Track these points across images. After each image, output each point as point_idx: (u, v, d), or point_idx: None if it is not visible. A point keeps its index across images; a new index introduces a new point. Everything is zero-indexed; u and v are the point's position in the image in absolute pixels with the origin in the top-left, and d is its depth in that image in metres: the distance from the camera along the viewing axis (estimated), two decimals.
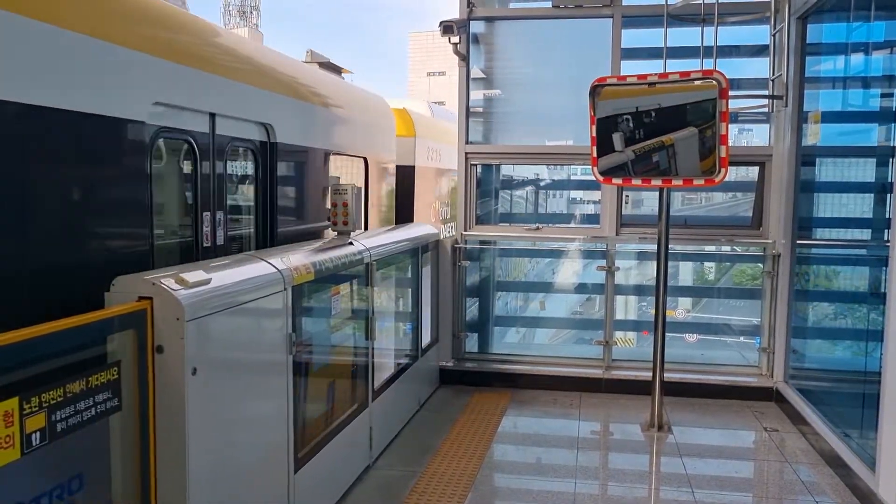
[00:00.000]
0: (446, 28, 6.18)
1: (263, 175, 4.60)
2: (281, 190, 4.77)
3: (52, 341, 2.19)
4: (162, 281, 2.63)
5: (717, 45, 5.58)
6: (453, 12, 6.39)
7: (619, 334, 6.90)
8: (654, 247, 5.40)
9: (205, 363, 2.72)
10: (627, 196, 6.48)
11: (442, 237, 6.48)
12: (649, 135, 5.00)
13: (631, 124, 5.04)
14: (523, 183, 7.91)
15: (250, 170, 4.59)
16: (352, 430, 4.30)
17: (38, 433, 2.07)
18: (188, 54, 3.76)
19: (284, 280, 3.38)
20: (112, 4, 3.30)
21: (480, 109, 6.94)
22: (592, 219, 6.95)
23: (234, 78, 4.22)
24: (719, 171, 4.83)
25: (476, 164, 6.60)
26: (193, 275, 2.77)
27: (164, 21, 3.67)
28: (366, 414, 4.54)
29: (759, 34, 6.26)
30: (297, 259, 3.64)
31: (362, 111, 6.66)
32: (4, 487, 1.99)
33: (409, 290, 5.76)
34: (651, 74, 5.03)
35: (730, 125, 4.79)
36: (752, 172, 6.35)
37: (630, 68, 6.15)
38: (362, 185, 6.36)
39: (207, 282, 2.82)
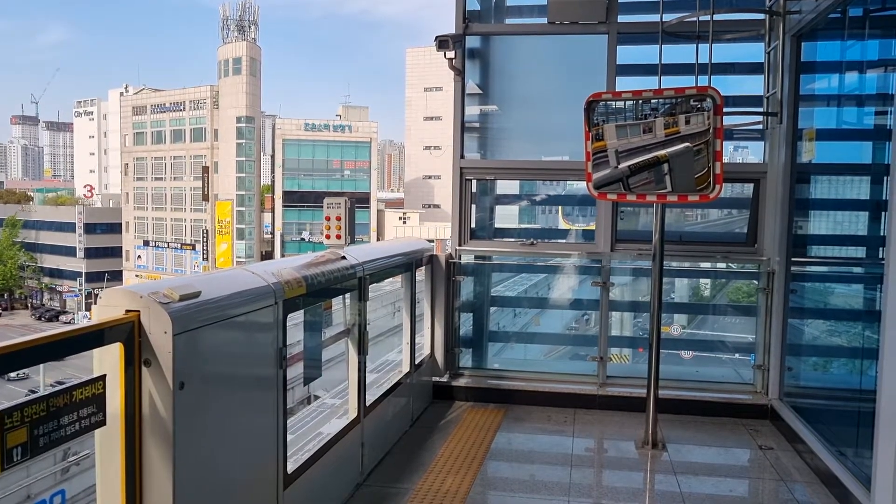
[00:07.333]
0: (442, 43, 6.16)
1: None
2: None
3: (37, 353, 2.16)
4: (150, 293, 2.59)
5: (712, 62, 5.59)
6: (449, 27, 6.40)
7: (614, 351, 6.89)
8: (650, 263, 5.39)
9: (193, 377, 2.68)
10: (622, 212, 6.47)
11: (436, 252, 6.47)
12: (644, 150, 5.01)
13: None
14: (519, 197, 7.90)
15: None
16: (343, 446, 4.25)
17: (19, 448, 2.02)
18: None
19: (275, 293, 3.35)
20: None
21: (476, 125, 6.93)
22: (587, 234, 6.94)
23: None
24: (714, 188, 4.83)
25: (471, 179, 6.59)
26: (182, 287, 2.73)
27: None
28: (357, 430, 4.49)
29: (753, 52, 6.27)
30: (288, 272, 3.61)
31: None
32: None
33: (403, 304, 5.72)
34: (646, 91, 5.04)
35: (724, 142, 4.80)
36: (747, 189, 6.35)
37: (625, 84, 6.16)
38: None
39: (197, 295, 2.78)
